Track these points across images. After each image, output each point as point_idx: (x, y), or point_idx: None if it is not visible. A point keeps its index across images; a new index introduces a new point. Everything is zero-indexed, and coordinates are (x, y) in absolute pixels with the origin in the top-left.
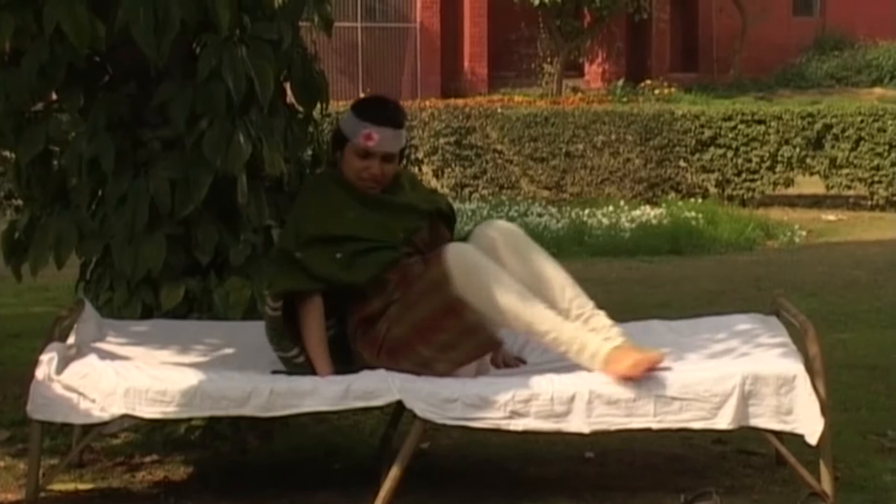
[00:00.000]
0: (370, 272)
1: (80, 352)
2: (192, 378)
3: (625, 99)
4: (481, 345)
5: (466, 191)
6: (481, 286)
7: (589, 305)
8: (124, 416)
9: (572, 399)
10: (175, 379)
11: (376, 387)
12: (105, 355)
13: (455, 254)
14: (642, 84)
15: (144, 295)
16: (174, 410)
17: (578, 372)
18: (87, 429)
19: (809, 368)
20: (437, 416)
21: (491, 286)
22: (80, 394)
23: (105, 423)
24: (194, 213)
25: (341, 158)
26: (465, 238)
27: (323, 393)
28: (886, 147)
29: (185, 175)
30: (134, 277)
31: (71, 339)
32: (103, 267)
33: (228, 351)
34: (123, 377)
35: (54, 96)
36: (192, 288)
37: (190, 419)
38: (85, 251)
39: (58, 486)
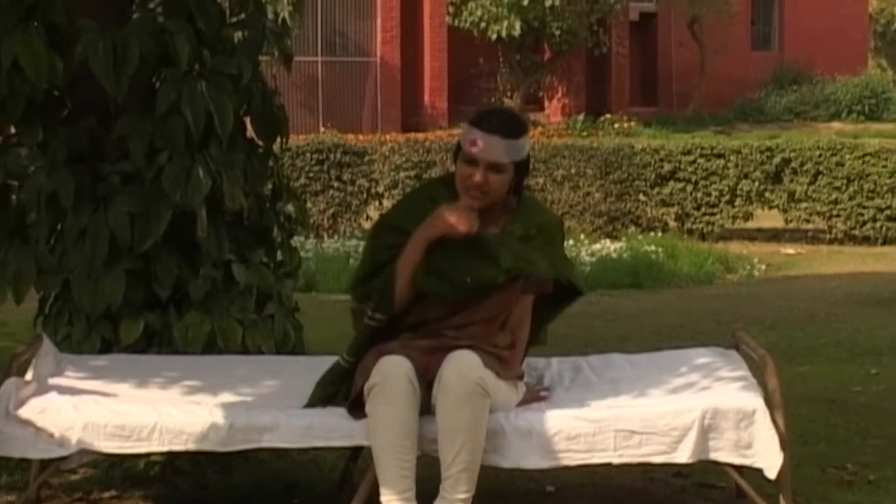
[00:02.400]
0: (396, 299)
1: (39, 387)
2: (151, 412)
3: (585, 133)
4: None
5: None
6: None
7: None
8: (83, 451)
9: (530, 434)
10: (134, 413)
11: (338, 426)
12: (63, 390)
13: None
14: (602, 118)
15: (103, 329)
16: (133, 445)
17: (537, 407)
18: (45, 464)
19: (769, 402)
20: None
21: (388, 420)
22: (39, 429)
23: (63, 459)
24: (154, 248)
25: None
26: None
27: (283, 429)
28: (844, 181)
29: (145, 209)
30: (93, 312)
31: (29, 375)
32: (62, 301)
33: (188, 385)
34: (82, 412)
35: (13, 130)
36: (151, 322)
37: (149, 454)
38: (44, 286)
39: None
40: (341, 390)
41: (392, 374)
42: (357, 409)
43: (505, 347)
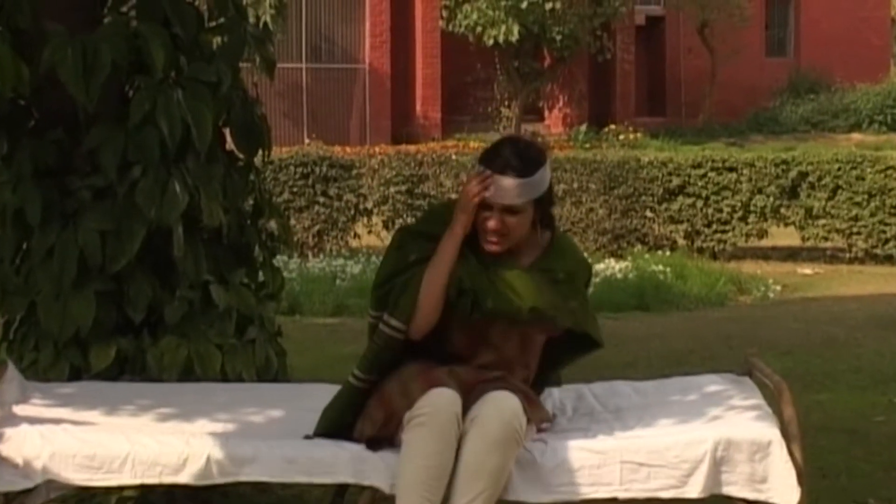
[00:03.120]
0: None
1: (2, 415)
2: (124, 442)
3: (587, 145)
4: None
5: None
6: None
7: None
8: (50, 484)
9: (531, 467)
10: (105, 443)
11: (324, 459)
12: (29, 418)
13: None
14: (606, 129)
15: (72, 355)
16: (104, 477)
17: (538, 437)
18: (10, 498)
19: (785, 432)
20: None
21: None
22: (2, 458)
23: (29, 493)
24: (126, 268)
25: None
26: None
27: (265, 461)
28: (865, 196)
29: (117, 226)
30: (61, 337)
31: None
32: (28, 325)
33: (163, 413)
34: (49, 440)
35: None
36: (123, 348)
37: (121, 489)
38: (8, 309)
39: None
40: (356, 420)
41: (443, 409)
42: (377, 440)
43: (525, 381)
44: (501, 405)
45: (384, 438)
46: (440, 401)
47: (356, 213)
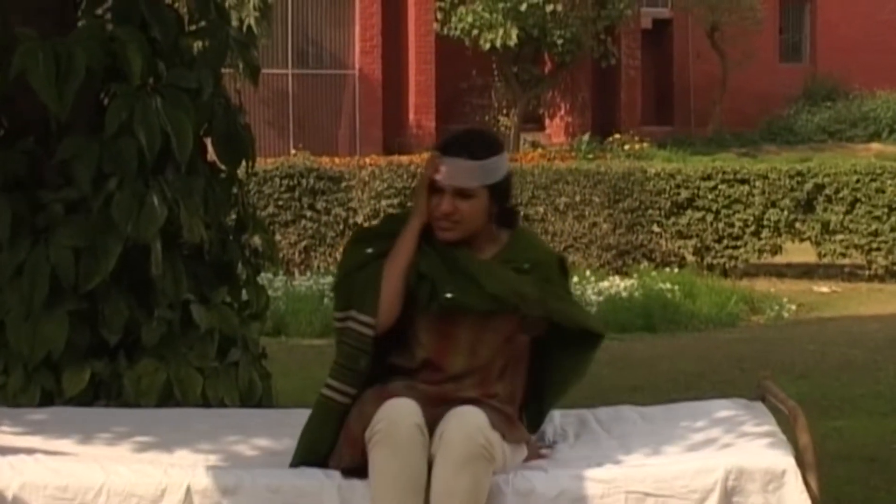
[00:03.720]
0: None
1: None
2: (98, 472)
3: (591, 155)
4: None
5: None
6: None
7: None
8: None
9: (531, 496)
10: (78, 473)
11: (310, 488)
12: None
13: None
14: (610, 139)
15: (44, 379)
16: None
17: (538, 465)
18: None
19: (800, 461)
20: None
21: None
22: None
23: None
24: (101, 287)
25: None
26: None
27: (248, 491)
28: (885, 210)
29: (91, 243)
30: (32, 359)
31: None
32: None
33: (140, 441)
34: (18, 471)
35: None
36: (98, 371)
37: None
38: None
39: None
40: (336, 443)
41: (399, 419)
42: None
43: (507, 400)
44: (463, 420)
45: (362, 467)
46: (395, 412)
47: (345, 228)
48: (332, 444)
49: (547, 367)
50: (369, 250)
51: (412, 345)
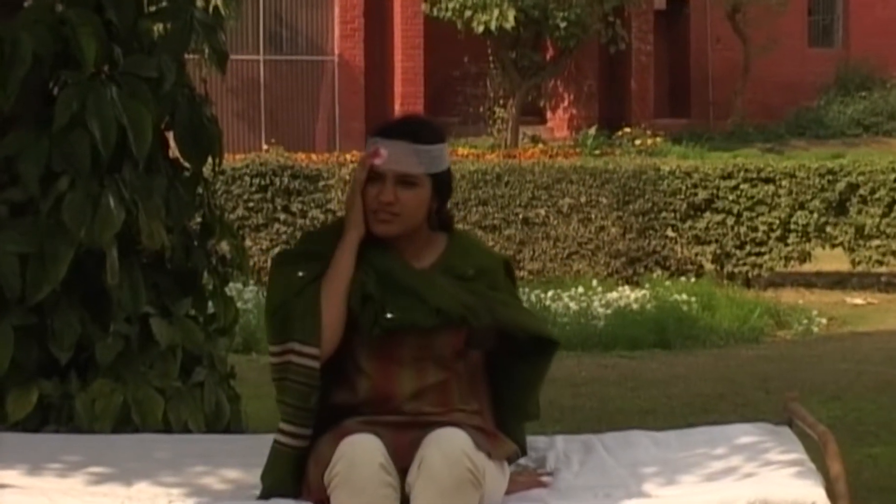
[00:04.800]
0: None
1: None
2: None
3: (597, 151)
4: None
5: None
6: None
7: None
8: None
9: None
10: None
11: None
12: None
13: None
14: (619, 133)
15: None
16: None
17: (538, 496)
18: None
19: (831, 492)
20: None
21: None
22: None
23: None
24: (51, 298)
25: None
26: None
27: None
28: None
29: (39, 249)
30: None
31: None
32: None
33: (94, 472)
34: None
35: None
36: (47, 393)
37: None
38: None
39: None
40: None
41: (359, 458)
42: None
43: (478, 414)
44: (445, 445)
45: None
46: (353, 450)
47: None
48: (299, 482)
49: (503, 380)
50: (300, 273)
51: (352, 376)
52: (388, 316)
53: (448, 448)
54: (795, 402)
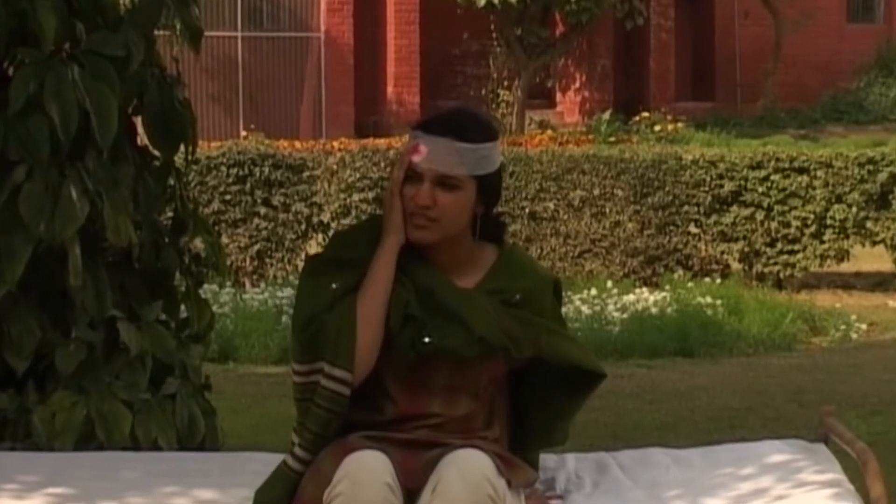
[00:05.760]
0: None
1: None
2: None
3: (612, 138)
4: None
5: None
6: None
7: None
8: None
9: None
10: None
11: None
12: None
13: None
14: (637, 118)
15: None
16: None
17: None
18: None
19: None
20: None
21: None
22: None
23: None
24: (6, 300)
25: None
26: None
27: None
28: None
29: None
30: None
31: None
32: None
33: (55, 494)
34: None
35: None
36: (2, 406)
37: None
38: None
39: None
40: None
41: (365, 477)
42: None
43: (498, 441)
44: (465, 467)
45: None
46: (359, 468)
47: (308, 229)
48: (290, 498)
49: (535, 406)
50: (334, 285)
51: (378, 398)
52: (426, 340)
53: (468, 471)
54: (832, 416)
